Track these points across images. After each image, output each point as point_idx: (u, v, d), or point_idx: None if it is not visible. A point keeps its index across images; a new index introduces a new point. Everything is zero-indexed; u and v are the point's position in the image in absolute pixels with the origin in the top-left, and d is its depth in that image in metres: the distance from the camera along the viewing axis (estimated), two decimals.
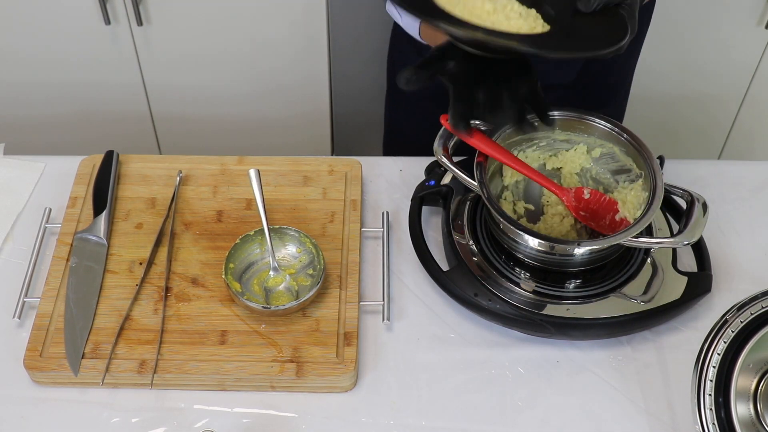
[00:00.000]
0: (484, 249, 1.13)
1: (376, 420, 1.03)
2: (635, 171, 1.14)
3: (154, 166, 1.27)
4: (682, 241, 1.05)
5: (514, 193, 1.19)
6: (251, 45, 1.90)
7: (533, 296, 1.09)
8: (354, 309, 1.10)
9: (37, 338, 1.06)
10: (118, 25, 1.84)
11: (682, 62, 1.96)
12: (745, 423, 0.93)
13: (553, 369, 1.08)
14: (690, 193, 1.09)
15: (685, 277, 1.11)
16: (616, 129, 1.14)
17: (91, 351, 1.05)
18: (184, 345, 1.06)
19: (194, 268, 1.14)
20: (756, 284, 1.15)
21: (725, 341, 0.95)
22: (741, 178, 1.30)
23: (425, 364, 1.08)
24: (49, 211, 1.22)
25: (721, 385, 0.94)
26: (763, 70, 1.97)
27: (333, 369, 1.04)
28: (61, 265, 1.14)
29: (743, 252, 1.20)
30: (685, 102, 2.05)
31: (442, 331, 1.11)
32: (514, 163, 1.12)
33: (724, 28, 1.88)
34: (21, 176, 1.29)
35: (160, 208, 1.22)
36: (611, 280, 1.11)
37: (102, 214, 1.18)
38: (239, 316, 1.09)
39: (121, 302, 1.10)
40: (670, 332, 1.12)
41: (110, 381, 1.04)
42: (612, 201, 1.13)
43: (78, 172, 1.26)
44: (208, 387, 1.05)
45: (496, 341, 1.10)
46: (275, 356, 1.05)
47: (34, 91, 1.99)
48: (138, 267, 1.14)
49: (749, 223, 1.24)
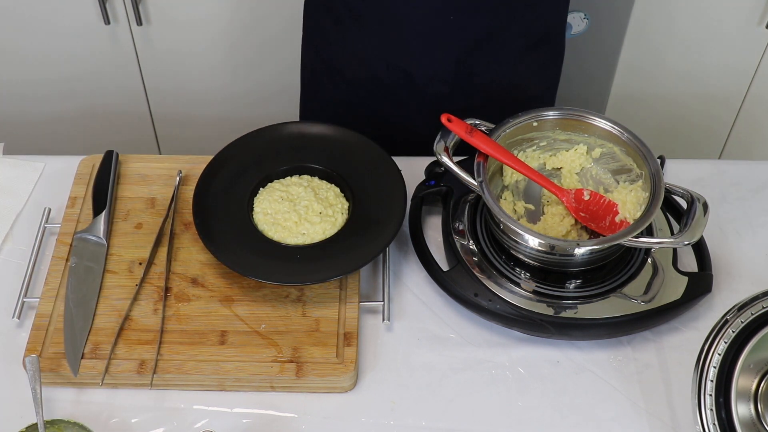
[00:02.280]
0: (484, 249, 1.13)
1: (376, 420, 1.03)
2: (635, 171, 1.14)
3: (153, 166, 1.27)
4: (683, 241, 1.05)
5: (514, 193, 1.19)
6: (251, 45, 1.90)
7: (533, 296, 1.08)
8: (354, 309, 1.10)
9: (36, 338, 1.06)
10: (117, 25, 1.84)
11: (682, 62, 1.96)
12: (745, 423, 0.93)
13: (553, 369, 1.08)
14: (690, 193, 1.09)
15: (685, 277, 1.11)
16: (616, 129, 1.14)
17: (91, 351, 1.05)
18: (184, 345, 1.06)
19: (194, 268, 1.14)
20: (756, 284, 1.15)
21: (726, 341, 0.95)
22: (741, 178, 1.30)
23: (425, 364, 1.08)
24: (49, 211, 1.22)
25: (722, 385, 0.93)
26: (763, 70, 1.97)
27: (333, 369, 1.04)
28: (60, 265, 1.14)
29: (744, 252, 1.20)
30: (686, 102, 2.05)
31: (442, 331, 1.11)
32: (514, 163, 1.12)
33: (724, 28, 1.88)
34: (20, 176, 1.28)
35: (160, 208, 1.21)
36: (611, 280, 1.11)
37: (101, 214, 1.18)
38: (239, 316, 1.09)
39: (120, 302, 1.10)
40: (671, 332, 1.11)
41: (110, 381, 1.04)
42: (612, 203, 1.13)
43: (77, 172, 1.25)
44: (207, 387, 1.05)
45: (496, 341, 1.10)
46: (275, 356, 1.05)
47: (34, 91, 1.99)
48: (138, 267, 1.14)
49: (749, 223, 1.24)
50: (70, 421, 0.99)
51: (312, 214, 1.15)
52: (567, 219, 1.14)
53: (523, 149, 1.19)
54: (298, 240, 1.13)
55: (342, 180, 1.19)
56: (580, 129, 1.17)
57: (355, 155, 1.21)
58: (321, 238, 1.13)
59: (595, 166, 1.19)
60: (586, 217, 1.13)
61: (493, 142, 1.11)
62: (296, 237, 1.13)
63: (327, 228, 1.14)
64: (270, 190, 1.18)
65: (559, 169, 1.20)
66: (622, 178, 1.16)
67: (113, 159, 1.25)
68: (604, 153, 1.18)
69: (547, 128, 1.17)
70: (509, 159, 1.11)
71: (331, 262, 1.10)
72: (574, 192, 1.14)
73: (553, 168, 1.20)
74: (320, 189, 1.18)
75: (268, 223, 1.14)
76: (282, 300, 1.11)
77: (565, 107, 1.16)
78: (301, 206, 1.15)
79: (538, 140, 1.19)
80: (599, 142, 1.17)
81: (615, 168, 1.17)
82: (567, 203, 1.13)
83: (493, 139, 1.11)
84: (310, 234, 1.13)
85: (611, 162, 1.18)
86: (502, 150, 1.11)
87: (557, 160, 1.20)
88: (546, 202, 1.18)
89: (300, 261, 1.11)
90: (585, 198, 1.14)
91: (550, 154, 1.20)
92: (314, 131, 1.22)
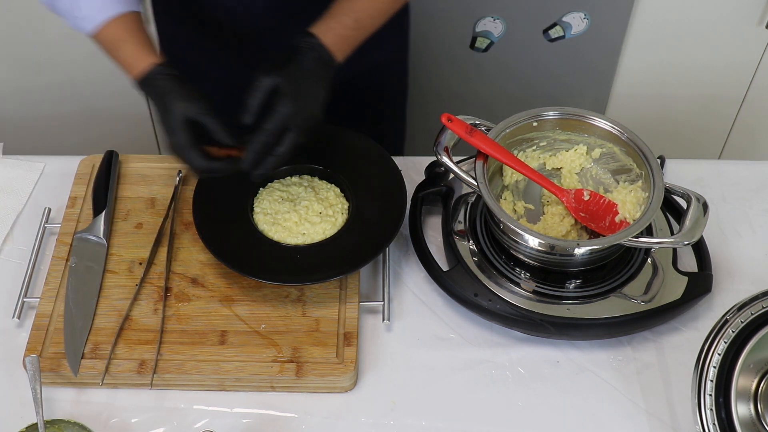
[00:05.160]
0: (484, 249, 1.13)
1: (376, 420, 1.03)
2: (635, 171, 1.14)
3: (153, 166, 1.27)
4: (683, 241, 1.05)
5: (514, 193, 1.19)
6: None
7: (533, 296, 1.08)
8: (354, 309, 1.10)
9: (36, 338, 1.06)
10: None
11: (682, 62, 1.96)
12: (745, 423, 0.93)
13: (553, 369, 1.08)
14: (690, 193, 1.09)
15: (685, 277, 1.11)
16: (616, 129, 1.14)
17: (91, 351, 1.05)
18: (184, 345, 1.06)
19: (194, 268, 1.14)
20: (756, 284, 1.15)
21: (726, 341, 0.95)
22: (741, 178, 1.30)
23: (425, 364, 1.08)
24: (49, 211, 1.22)
25: (722, 385, 0.93)
26: (763, 70, 1.97)
27: (333, 369, 1.04)
28: (60, 265, 1.14)
29: (743, 252, 1.20)
30: (686, 102, 2.05)
31: (442, 331, 1.11)
32: (514, 163, 1.12)
33: (724, 28, 1.88)
34: (20, 176, 1.28)
35: (160, 208, 1.21)
36: (611, 280, 1.11)
37: (102, 214, 1.18)
38: (239, 316, 1.09)
39: (120, 302, 1.10)
40: (671, 332, 1.11)
41: (110, 381, 1.04)
42: (611, 203, 1.13)
43: (77, 172, 1.25)
44: (208, 387, 1.05)
45: (496, 341, 1.10)
46: (275, 356, 1.05)
47: (34, 91, 1.98)
48: (138, 267, 1.14)
49: (749, 223, 1.24)
50: (70, 421, 0.99)
51: (312, 214, 1.15)
52: (567, 219, 1.14)
53: (523, 149, 1.19)
54: (298, 240, 1.13)
55: (342, 180, 1.19)
56: (580, 129, 1.17)
57: (355, 155, 1.21)
58: (321, 238, 1.13)
59: (595, 166, 1.19)
60: (586, 217, 1.13)
61: (493, 142, 1.11)
62: (296, 237, 1.13)
63: (327, 228, 1.14)
64: (270, 190, 1.18)
65: (559, 169, 1.20)
66: (622, 178, 1.16)
67: (113, 159, 1.25)
68: (604, 153, 1.18)
69: (547, 128, 1.17)
70: (509, 159, 1.11)
71: (331, 262, 1.10)
72: (574, 192, 1.14)
73: (553, 168, 1.20)
74: (320, 189, 1.18)
75: (268, 223, 1.14)
76: (282, 300, 1.11)
77: (565, 107, 1.16)
78: (301, 206, 1.15)
79: (538, 140, 1.19)
80: (599, 142, 1.17)
81: (615, 168, 1.17)
82: (567, 203, 1.13)
83: (493, 139, 1.12)
84: (310, 234, 1.13)
85: (611, 162, 1.18)
86: (502, 150, 1.11)
87: (557, 160, 1.20)
88: (546, 202, 1.18)
89: (300, 261, 1.11)
90: (585, 198, 1.14)
91: (550, 154, 1.20)
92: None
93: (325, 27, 1.07)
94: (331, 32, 1.07)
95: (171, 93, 1.02)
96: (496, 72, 1.98)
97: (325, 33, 1.06)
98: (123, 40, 1.08)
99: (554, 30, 1.89)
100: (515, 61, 1.96)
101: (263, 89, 1.01)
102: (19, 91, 1.98)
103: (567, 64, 1.97)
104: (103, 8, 1.08)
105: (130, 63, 1.07)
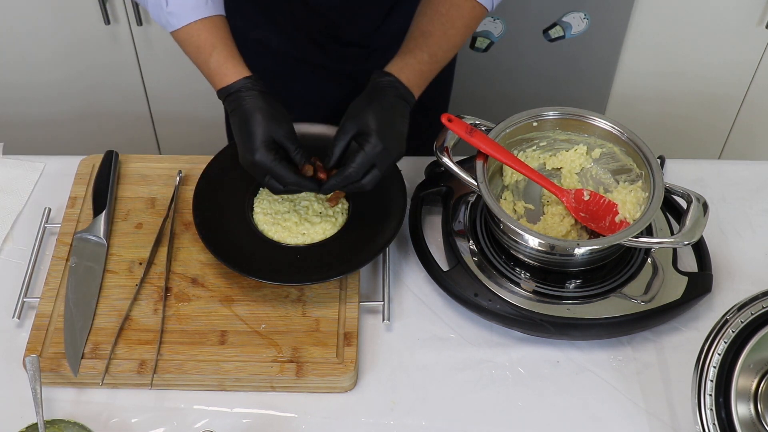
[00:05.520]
0: (484, 249, 1.13)
1: (376, 420, 1.03)
2: (635, 171, 1.14)
3: (153, 166, 1.27)
4: (683, 241, 1.05)
5: (514, 193, 1.19)
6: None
7: (533, 296, 1.08)
8: (354, 309, 1.10)
9: (36, 338, 1.06)
10: (118, 25, 1.84)
11: (682, 62, 1.96)
12: (745, 423, 0.93)
13: (553, 369, 1.08)
14: (690, 193, 1.09)
15: (685, 277, 1.11)
16: (616, 129, 1.14)
17: (91, 351, 1.05)
18: (184, 345, 1.06)
19: (194, 268, 1.14)
20: (756, 284, 1.15)
21: (726, 341, 0.95)
22: (741, 178, 1.30)
23: (425, 364, 1.08)
24: (49, 210, 1.22)
25: (722, 385, 0.93)
26: (763, 70, 1.97)
27: (333, 369, 1.04)
28: (60, 265, 1.14)
29: (743, 252, 1.20)
30: (686, 102, 2.05)
31: (442, 331, 1.11)
32: (514, 163, 1.12)
33: (724, 28, 1.88)
34: (20, 176, 1.28)
35: (160, 208, 1.21)
36: (611, 280, 1.11)
37: (102, 214, 1.18)
38: (239, 316, 1.09)
39: (120, 302, 1.10)
40: (671, 332, 1.11)
41: (110, 381, 1.04)
42: (611, 203, 1.13)
43: (77, 172, 1.25)
44: (208, 387, 1.05)
45: (496, 341, 1.10)
46: (275, 356, 1.05)
47: (34, 91, 1.99)
48: (138, 267, 1.14)
49: (749, 223, 1.24)
50: (70, 421, 0.99)
51: (312, 214, 1.15)
52: (567, 219, 1.14)
53: (523, 149, 1.19)
54: (298, 240, 1.13)
55: None
56: (580, 129, 1.17)
57: None
58: (321, 238, 1.13)
59: (595, 166, 1.19)
60: (586, 217, 1.13)
61: (493, 142, 1.11)
62: (296, 237, 1.13)
63: (327, 228, 1.14)
64: None
65: (559, 169, 1.20)
66: (622, 178, 1.16)
67: (113, 159, 1.25)
68: (604, 153, 1.18)
69: (547, 128, 1.17)
70: (509, 159, 1.11)
71: (331, 262, 1.10)
72: (574, 192, 1.14)
73: (553, 168, 1.20)
74: None
75: (268, 223, 1.14)
76: (282, 300, 1.11)
77: (565, 107, 1.16)
78: (301, 206, 1.15)
79: (538, 140, 1.19)
80: (599, 142, 1.17)
81: (615, 168, 1.17)
82: (567, 203, 1.13)
83: (493, 139, 1.12)
84: (310, 234, 1.13)
85: (611, 162, 1.18)
86: (502, 150, 1.11)
87: (557, 160, 1.20)
88: (546, 202, 1.18)
89: (300, 261, 1.11)
90: (585, 198, 1.14)
91: (550, 154, 1.20)
92: (314, 131, 1.22)
93: (402, 63, 1.09)
94: (408, 68, 1.08)
95: (258, 111, 1.02)
96: (496, 72, 1.98)
97: (401, 70, 1.08)
98: (213, 45, 1.06)
99: (554, 30, 1.89)
100: (515, 61, 1.96)
101: (349, 133, 1.03)
102: (19, 91, 1.99)
103: (567, 64, 1.97)
104: (195, 8, 1.06)
105: (218, 71, 1.06)
